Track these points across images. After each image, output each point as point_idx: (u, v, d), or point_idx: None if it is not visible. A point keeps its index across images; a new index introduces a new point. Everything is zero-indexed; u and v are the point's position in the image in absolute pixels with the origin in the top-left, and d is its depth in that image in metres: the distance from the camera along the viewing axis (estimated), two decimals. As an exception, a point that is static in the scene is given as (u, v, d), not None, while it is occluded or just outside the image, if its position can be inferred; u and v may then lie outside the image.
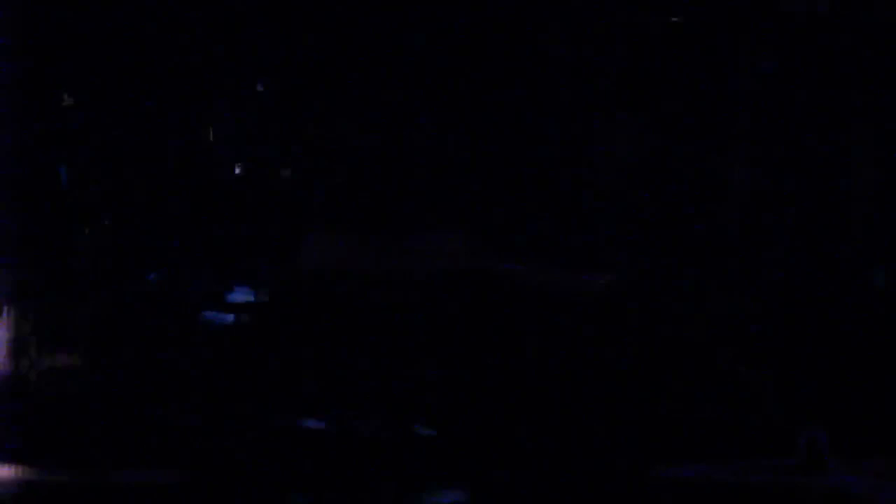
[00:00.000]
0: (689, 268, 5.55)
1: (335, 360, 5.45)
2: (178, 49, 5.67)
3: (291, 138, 5.75)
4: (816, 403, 5.29)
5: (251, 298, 5.60)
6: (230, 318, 5.55)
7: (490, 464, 5.18)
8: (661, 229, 5.60)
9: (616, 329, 5.45)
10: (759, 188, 5.62)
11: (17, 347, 5.47)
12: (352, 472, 5.17)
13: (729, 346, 5.42)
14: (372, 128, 5.71)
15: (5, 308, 5.49)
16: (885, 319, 5.47)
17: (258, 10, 5.71)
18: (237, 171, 5.74)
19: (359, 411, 5.35)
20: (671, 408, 5.30)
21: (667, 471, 5.05)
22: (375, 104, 5.71)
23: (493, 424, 5.31)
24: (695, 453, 5.12)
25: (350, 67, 5.70)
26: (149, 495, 5.03)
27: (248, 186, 5.73)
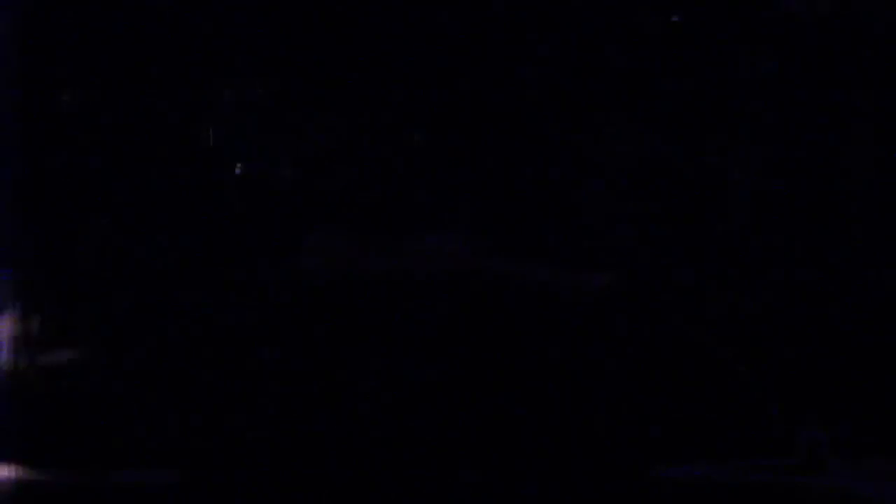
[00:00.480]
0: (689, 268, 5.55)
1: (334, 360, 5.45)
2: (179, 48, 5.67)
3: (291, 138, 5.75)
4: (816, 403, 5.29)
5: (250, 298, 5.60)
6: (230, 318, 5.55)
7: (490, 463, 5.18)
8: (661, 229, 5.60)
9: (616, 329, 5.45)
10: (759, 188, 5.62)
11: (18, 347, 5.47)
12: (352, 472, 5.17)
13: (729, 346, 5.42)
14: (372, 128, 5.71)
15: (6, 308, 5.49)
16: (885, 319, 5.47)
17: (259, 10, 5.71)
18: (237, 171, 5.74)
19: (358, 411, 5.36)
20: (671, 408, 5.30)
21: (667, 471, 5.05)
22: (375, 104, 5.71)
23: (492, 424, 5.31)
24: (695, 453, 5.13)
25: (349, 67, 5.70)
26: (149, 495, 5.03)
27: (248, 186, 5.73)
